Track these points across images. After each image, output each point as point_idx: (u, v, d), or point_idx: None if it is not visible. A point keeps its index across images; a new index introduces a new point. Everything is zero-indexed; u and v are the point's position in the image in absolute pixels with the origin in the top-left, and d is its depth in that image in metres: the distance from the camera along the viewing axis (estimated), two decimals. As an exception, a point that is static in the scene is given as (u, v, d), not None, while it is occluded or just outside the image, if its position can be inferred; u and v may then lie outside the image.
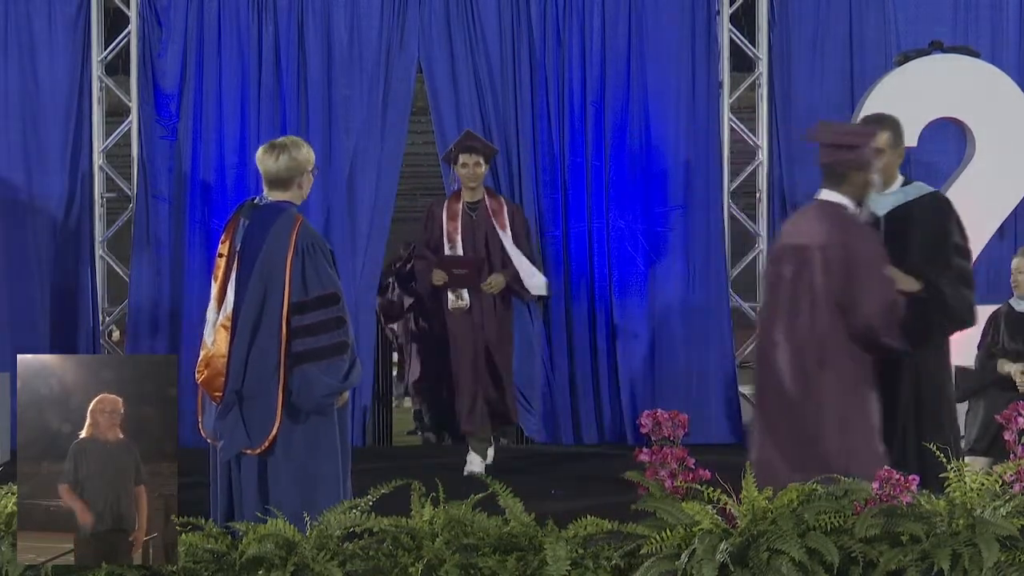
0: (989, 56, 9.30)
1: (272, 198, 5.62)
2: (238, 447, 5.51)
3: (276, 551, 4.61)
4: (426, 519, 4.72)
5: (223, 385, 5.49)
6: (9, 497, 4.84)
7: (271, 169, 5.59)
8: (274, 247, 5.48)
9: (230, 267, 5.56)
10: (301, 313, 5.46)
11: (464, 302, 8.39)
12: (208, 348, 5.57)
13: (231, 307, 5.50)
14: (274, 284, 5.47)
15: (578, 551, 4.62)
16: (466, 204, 8.45)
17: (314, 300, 5.47)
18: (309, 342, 5.46)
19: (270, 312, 5.47)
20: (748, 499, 4.64)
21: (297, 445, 5.52)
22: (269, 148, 5.64)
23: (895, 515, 4.60)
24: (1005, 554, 4.54)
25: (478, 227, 8.45)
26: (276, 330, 5.45)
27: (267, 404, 5.46)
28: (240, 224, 5.60)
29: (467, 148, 8.39)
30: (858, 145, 5.68)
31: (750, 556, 4.51)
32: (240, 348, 5.48)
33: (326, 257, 5.53)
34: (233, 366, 5.48)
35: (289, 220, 5.53)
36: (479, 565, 4.59)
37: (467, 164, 8.34)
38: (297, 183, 5.60)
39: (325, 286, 5.50)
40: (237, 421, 5.49)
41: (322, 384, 5.47)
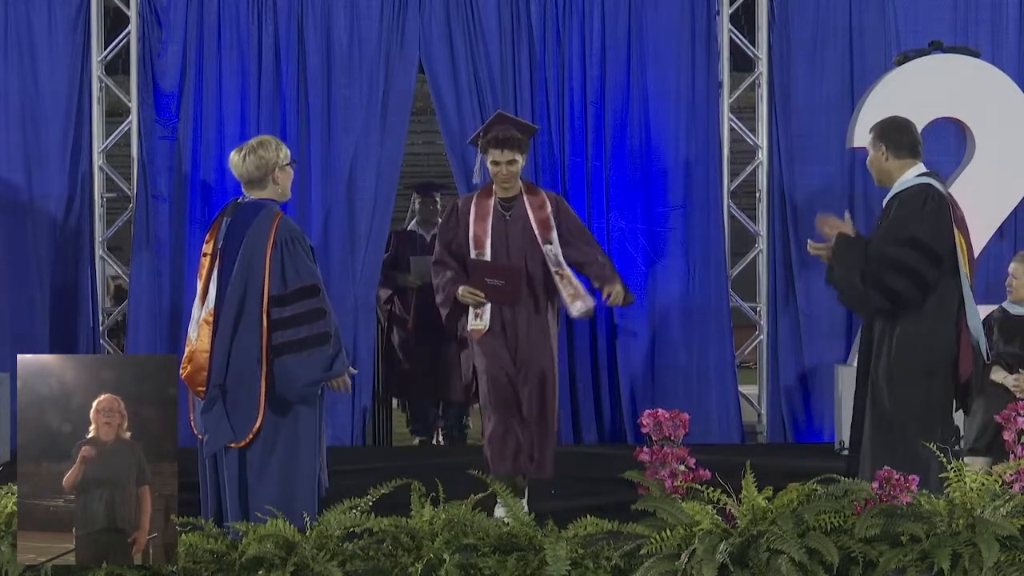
0: (989, 56, 9.30)
1: (252, 197, 5.70)
2: (223, 441, 5.55)
3: (276, 551, 4.61)
4: (426, 519, 4.72)
5: (206, 380, 5.54)
6: (9, 497, 4.84)
7: (240, 171, 5.68)
8: (254, 242, 5.54)
9: (212, 264, 5.63)
10: (281, 306, 5.51)
11: (483, 323, 6.96)
12: (192, 344, 5.62)
13: (213, 303, 5.57)
14: (254, 278, 5.53)
15: (578, 551, 4.62)
16: (499, 201, 7.07)
17: (293, 292, 5.52)
18: (289, 334, 5.50)
19: (251, 306, 5.52)
20: (748, 499, 4.64)
21: (278, 438, 5.55)
22: (236, 151, 5.73)
23: (895, 515, 4.60)
24: (1005, 554, 4.55)
25: (513, 229, 7.04)
26: (257, 323, 5.50)
27: (250, 397, 5.50)
28: (223, 223, 5.68)
29: (500, 142, 6.95)
30: None
31: (750, 556, 4.51)
32: (222, 342, 5.53)
33: (305, 250, 5.59)
34: (216, 360, 5.53)
35: (269, 216, 5.59)
36: (479, 565, 4.59)
37: (499, 163, 6.96)
38: (271, 179, 5.65)
39: (304, 278, 5.54)
40: (221, 415, 5.53)
41: (304, 374, 5.51)
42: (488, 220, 6.99)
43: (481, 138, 7.06)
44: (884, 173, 6.23)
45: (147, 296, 9.29)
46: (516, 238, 6.99)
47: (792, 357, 9.58)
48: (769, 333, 9.61)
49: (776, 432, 9.57)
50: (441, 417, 9.86)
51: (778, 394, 9.59)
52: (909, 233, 6.04)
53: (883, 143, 6.22)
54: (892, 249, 6.03)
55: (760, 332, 9.68)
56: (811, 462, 7.51)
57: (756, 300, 9.78)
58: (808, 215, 9.45)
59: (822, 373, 9.45)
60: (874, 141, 6.25)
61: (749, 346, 9.76)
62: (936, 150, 9.13)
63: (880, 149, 6.21)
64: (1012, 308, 7.50)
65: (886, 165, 6.21)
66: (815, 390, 9.52)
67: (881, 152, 6.21)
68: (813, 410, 9.55)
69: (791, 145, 9.54)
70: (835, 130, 9.38)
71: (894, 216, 6.10)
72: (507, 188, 7.04)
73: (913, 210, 6.08)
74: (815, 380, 9.51)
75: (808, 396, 9.58)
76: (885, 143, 6.22)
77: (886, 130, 6.26)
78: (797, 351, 9.57)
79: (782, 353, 9.60)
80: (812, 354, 9.52)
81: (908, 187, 6.15)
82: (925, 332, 6.05)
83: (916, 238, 6.03)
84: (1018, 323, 7.45)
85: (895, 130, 6.26)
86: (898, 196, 6.15)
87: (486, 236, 6.96)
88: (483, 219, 6.99)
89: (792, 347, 9.58)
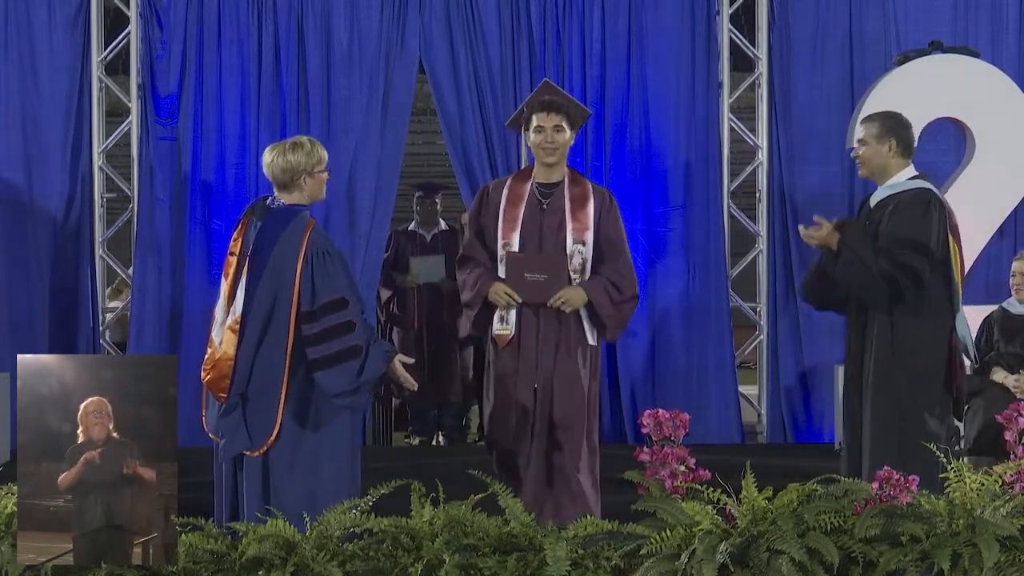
0: (989, 56, 9.30)
1: (282, 199, 5.63)
2: (239, 448, 5.52)
3: (276, 551, 4.61)
4: (426, 519, 4.72)
5: (228, 387, 5.50)
6: (9, 497, 4.84)
7: (267, 169, 5.62)
8: (285, 253, 5.49)
9: (241, 267, 5.56)
10: (311, 322, 5.47)
11: (509, 328, 6.08)
12: (216, 348, 5.56)
13: (240, 310, 5.50)
14: (283, 291, 5.48)
15: (578, 551, 4.62)
16: (537, 186, 6.15)
17: (322, 307, 5.47)
18: (320, 350, 5.46)
19: (278, 318, 5.48)
20: (748, 499, 4.64)
21: (303, 449, 5.52)
22: (271, 148, 5.66)
23: (895, 515, 4.60)
24: (1005, 554, 4.54)
25: (549, 221, 6.10)
26: (283, 336, 5.46)
27: (269, 407, 5.48)
28: (252, 224, 5.61)
29: (545, 105, 6.11)
30: None
31: (750, 556, 4.51)
32: (247, 352, 5.49)
33: (337, 261, 5.53)
34: (239, 369, 5.49)
35: (300, 226, 5.52)
36: (479, 565, 4.59)
37: (543, 128, 6.05)
38: (297, 184, 5.58)
39: (332, 291, 5.48)
40: (239, 422, 5.50)
41: (333, 387, 5.47)
42: (521, 207, 6.04)
43: (523, 111, 6.23)
44: (882, 168, 6.13)
45: (149, 296, 9.28)
46: (551, 233, 6.07)
47: (792, 357, 9.58)
48: (769, 333, 9.61)
49: (776, 432, 9.57)
50: (440, 417, 9.86)
51: (778, 394, 9.59)
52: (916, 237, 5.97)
53: (894, 139, 6.11)
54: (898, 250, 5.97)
55: (760, 332, 9.68)
56: (811, 462, 7.50)
57: (756, 300, 9.78)
58: (808, 215, 9.41)
59: (822, 373, 9.45)
60: (882, 134, 6.12)
61: (749, 346, 9.76)
62: (936, 150, 9.17)
63: (889, 144, 6.09)
64: (1012, 307, 7.50)
65: (890, 161, 6.11)
66: (815, 390, 9.53)
67: (889, 147, 6.09)
68: (813, 410, 9.55)
69: (791, 145, 9.54)
70: (835, 130, 9.38)
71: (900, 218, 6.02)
72: (550, 167, 6.10)
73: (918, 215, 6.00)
74: (815, 380, 9.52)
75: (808, 396, 9.58)
76: (896, 139, 6.11)
77: (897, 127, 6.15)
78: (797, 351, 9.57)
79: (782, 353, 9.60)
80: (812, 354, 9.52)
81: (907, 190, 6.09)
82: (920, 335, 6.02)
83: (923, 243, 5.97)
84: (1018, 322, 7.45)
85: (905, 128, 6.17)
86: (897, 198, 6.08)
87: (516, 225, 6.02)
88: (515, 205, 6.05)
89: (792, 347, 9.58)
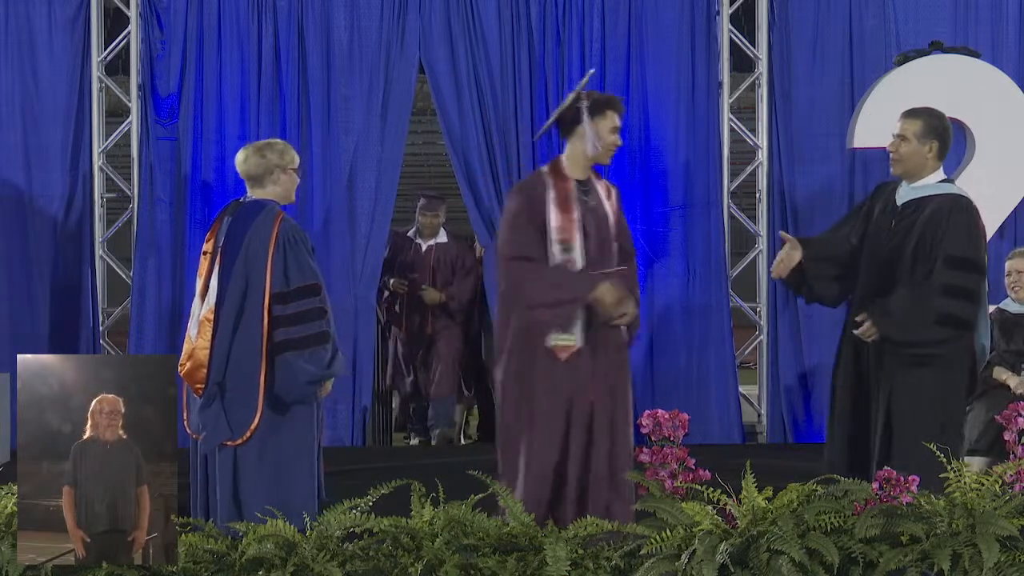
0: (989, 56, 9.30)
1: (254, 196, 5.77)
2: (220, 439, 5.56)
3: (276, 551, 4.61)
4: (426, 519, 4.72)
5: (205, 377, 5.55)
6: (9, 497, 4.84)
7: (240, 167, 5.79)
8: (256, 240, 5.58)
9: (213, 263, 5.67)
10: (283, 303, 5.54)
11: (573, 338, 5.48)
12: (191, 341, 5.64)
13: (214, 300, 5.59)
14: (256, 276, 5.56)
15: (578, 551, 4.63)
16: (577, 185, 5.57)
17: (295, 291, 5.56)
18: (292, 331, 5.53)
19: (252, 304, 5.55)
20: (748, 499, 4.64)
21: (273, 438, 5.57)
22: (242, 149, 5.85)
23: (895, 515, 4.60)
24: (1005, 554, 4.55)
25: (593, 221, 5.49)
26: (258, 322, 5.52)
27: (249, 395, 5.52)
28: (224, 222, 5.73)
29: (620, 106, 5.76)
30: None
31: (750, 557, 4.51)
32: (223, 340, 5.55)
33: (307, 250, 5.63)
34: (215, 358, 5.55)
35: (270, 215, 5.64)
36: (479, 565, 4.60)
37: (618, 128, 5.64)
38: (271, 180, 5.73)
39: (306, 277, 5.58)
40: (219, 413, 5.55)
41: (305, 372, 5.52)
42: (573, 209, 5.39)
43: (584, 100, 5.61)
44: (918, 168, 5.89)
45: (149, 296, 9.29)
46: (594, 233, 5.49)
47: (792, 357, 9.57)
48: (769, 333, 9.61)
49: (776, 432, 9.56)
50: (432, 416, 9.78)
51: (778, 394, 9.58)
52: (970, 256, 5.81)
53: (936, 141, 5.89)
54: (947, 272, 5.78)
55: (760, 332, 9.68)
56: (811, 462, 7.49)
57: (756, 300, 9.78)
58: (808, 215, 9.47)
59: (822, 373, 9.43)
60: (926, 133, 5.88)
61: (749, 346, 9.76)
62: (936, 150, 9.15)
63: (930, 145, 5.87)
64: (1009, 307, 7.51)
65: (929, 163, 5.89)
66: (815, 390, 9.52)
67: (930, 148, 5.86)
68: (813, 410, 9.54)
69: (791, 145, 9.54)
70: (835, 130, 9.38)
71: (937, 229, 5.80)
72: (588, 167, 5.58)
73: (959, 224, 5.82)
74: (815, 380, 9.51)
75: (808, 396, 9.57)
76: (939, 142, 5.90)
77: (941, 129, 5.93)
78: (797, 351, 9.56)
79: (782, 353, 9.59)
80: (812, 354, 9.52)
81: (941, 194, 5.88)
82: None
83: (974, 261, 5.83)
84: (1017, 321, 7.46)
85: (948, 131, 5.97)
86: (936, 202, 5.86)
87: (574, 230, 5.36)
88: (566, 206, 5.38)
89: (792, 347, 9.57)
